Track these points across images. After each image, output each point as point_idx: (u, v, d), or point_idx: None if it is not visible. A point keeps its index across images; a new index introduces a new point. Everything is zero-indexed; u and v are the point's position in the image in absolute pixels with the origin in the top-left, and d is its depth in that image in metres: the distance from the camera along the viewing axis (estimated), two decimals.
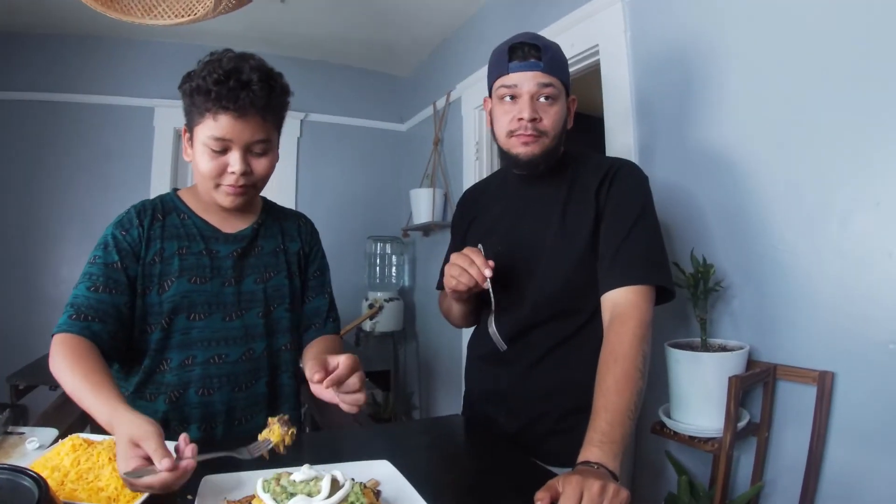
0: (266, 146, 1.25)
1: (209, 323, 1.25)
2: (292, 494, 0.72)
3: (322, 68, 4.27)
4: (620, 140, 2.13)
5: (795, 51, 1.56)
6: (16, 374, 2.64)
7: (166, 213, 1.31)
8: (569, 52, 2.34)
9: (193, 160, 1.25)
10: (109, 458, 0.96)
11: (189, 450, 0.85)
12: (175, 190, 1.38)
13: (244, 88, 1.17)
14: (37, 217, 3.69)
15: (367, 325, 3.93)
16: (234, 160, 1.20)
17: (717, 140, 1.78)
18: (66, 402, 2.39)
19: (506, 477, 1.07)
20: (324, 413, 1.99)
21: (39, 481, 0.73)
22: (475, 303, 1.45)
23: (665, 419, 1.66)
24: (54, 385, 2.59)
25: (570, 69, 2.43)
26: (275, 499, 0.72)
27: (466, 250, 1.23)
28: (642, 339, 1.15)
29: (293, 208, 1.57)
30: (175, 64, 4.06)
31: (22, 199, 3.66)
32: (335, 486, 0.73)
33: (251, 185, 1.26)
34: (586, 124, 2.84)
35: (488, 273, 1.18)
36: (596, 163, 1.36)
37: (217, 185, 1.24)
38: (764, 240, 1.62)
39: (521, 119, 1.28)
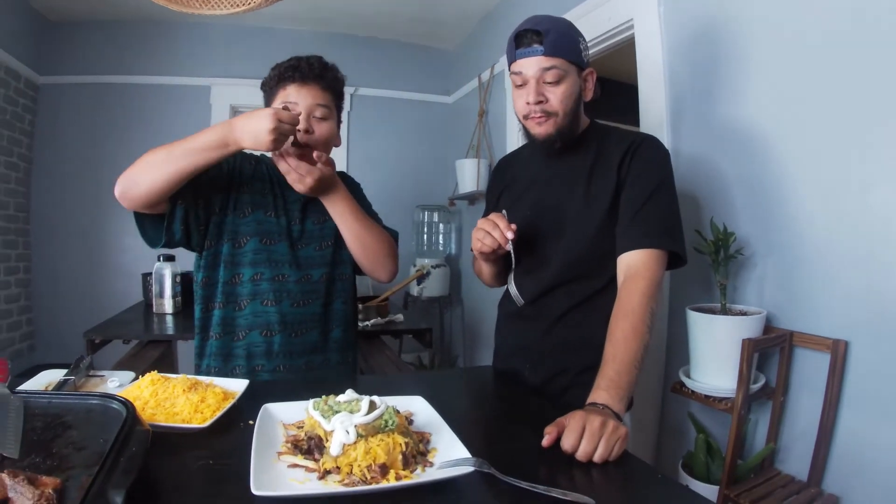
0: (326, 111, 1.53)
1: (278, 248, 1.55)
2: (337, 412, 0.87)
3: (371, 44, 4.39)
4: (653, 110, 2.20)
5: (821, 26, 1.59)
6: (91, 329, 2.87)
7: (257, 161, 1.62)
8: (605, 25, 2.41)
9: None
10: (183, 390, 1.13)
11: None
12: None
13: (305, 62, 1.52)
14: (105, 191, 3.93)
15: (415, 290, 4.08)
16: (300, 119, 1.46)
17: (743, 112, 1.82)
18: (138, 353, 2.62)
19: (525, 417, 1.20)
20: (368, 361, 2.17)
21: (127, 404, 0.86)
22: (502, 264, 1.56)
23: (685, 379, 1.75)
24: (127, 339, 2.83)
25: (606, 43, 2.54)
26: (323, 415, 0.87)
27: (492, 215, 1.33)
28: (651, 297, 1.24)
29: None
30: (229, 43, 4.26)
31: (92, 175, 3.95)
32: (372, 406, 0.88)
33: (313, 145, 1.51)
34: (626, 91, 2.89)
35: (510, 235, 1.28)
36: (620, 137, 1.44)
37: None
38: (785, 210, 1.68)
39: (528, 103, 1.37)
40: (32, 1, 3.66)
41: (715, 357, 1.66)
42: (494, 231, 1.31)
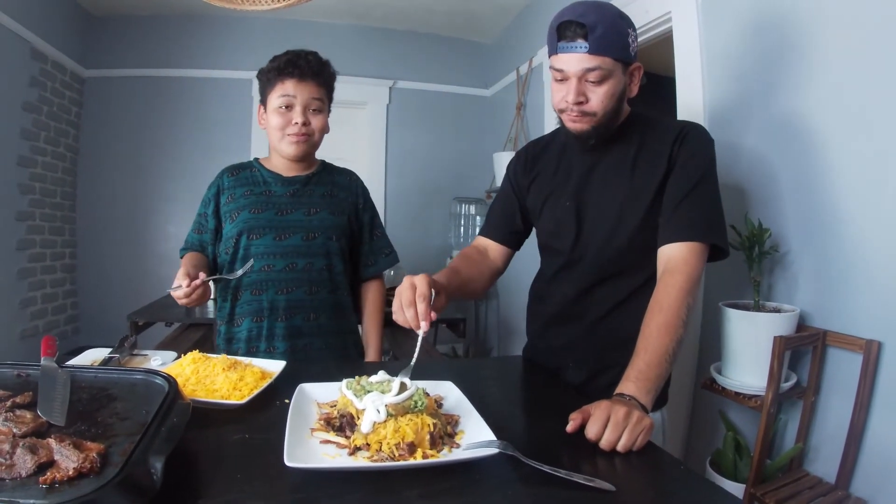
0: (321, 104, 1.71)
1: (263, 241, 1.68)
2: (368, 391, 0.91)
3: (409, 38, 4.43)
4: (691, 103, 2.18)
5: (863, 20, 1.56)
6: (135, 312, 2.98)
7: (242, 169, 1.80)
8: (643, 18, 2.38)
9: (267, 125, 1.73)
10: (223, 368, 1.20)
11: (201, 276, 1.49)
12: (256, 159, 1.84)
13: (303, 59, 1.67)
14: (148, 181, 4.12)
15: None
16: (297, 113, 1.67)
17: (782, 108, 1.80)
18: (180, 335, 2.71)
19: (552, 405, 1.21)
20: (402, 347, 2.20)
21: (170, 380, 0.92)
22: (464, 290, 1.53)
23: (716, 376, 1.75)
24: (169, 321, 2.93)
25: (644, 36, 2.50)
26: (355, 394, 0.91)
27: (418, 291, 1.15)
28: (688, 292, 1.21)
29: (382, 171, 1.93)
30: (270, 37, 4.37)
31: (136, 165, 4.10)
32: (403, 387, 0.91)
33: (309, 135, 1.70)
34: (664, 85, 2.85)
35: (424, 327, 1.13)
36: (667, 126, 1.38)
37: (283, 137, 1.69)
38: (822, 209, 1.65)
39: (567, 101, 1.29)
40: None
41: (747, 354, 1.65)
42: (408, 311, 1.15)
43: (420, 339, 1.14)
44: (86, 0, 3.84)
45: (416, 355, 1.10)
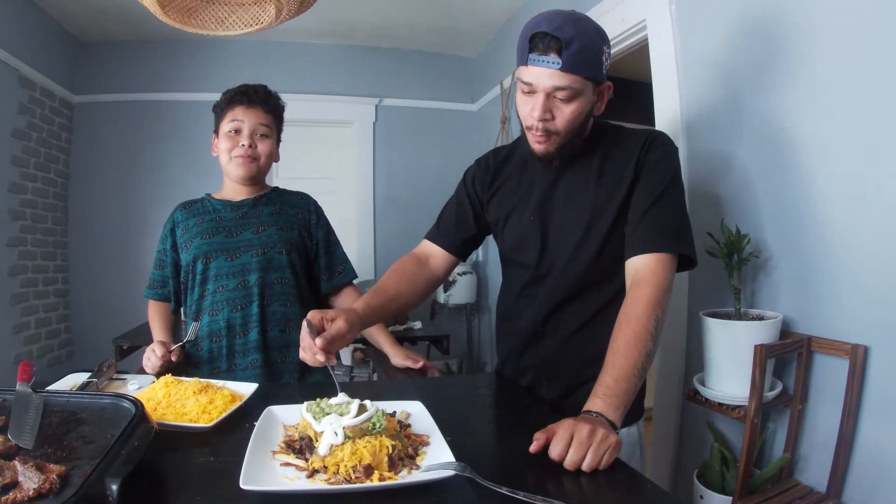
0: (268, 130, 1.83)
1: (216, 263, 1.76)
2: (328, 413, 0.90)
3: (394, 55, 4.44)
4: (668, 110, 2.18)
5: (839, 25, 1.54)
6: (120, 336, 2.98)
7: (193, 203, 1.89)
8: (619, 27, 2.40)
9: (219, 151, 1.83)
10: (194, 392, 1.21)
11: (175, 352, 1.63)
12: (208, 193, 1.93)
13: (252, 89, 1.82)
14: (136, 204, 4.12)
15: (442, 298, 4.09)
16: (244, 136, 1.78)
17: (760, 111, 1.78)
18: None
19: (522, 423, 1.19)
20: (384, 365, 2.17)
21: (137, 403, 0.95)
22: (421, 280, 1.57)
23: (699, 387, 1.72)
24: None
25: (622, 45, 2.51)
26: (314, 416, 0.90)
27: (301, 332, 1.18)
28: (657, 303, 1.18)
29: (371, 190, 1.98)
30: (256, 60, 4.37)
31: (126, 189, 4.11)
32: (362, 409, 0.90)
33: (255, 158, 1.80)
34: (641, 91, 2.87)
35: (321, 358, 1.14)
36: (631, 135, 1.35)
37: (231, 159, 1.79)
38: (803, 211, 1.63)
39: (533, 117, 1.26)
40: (65, 23, 3.81)
41: (729, 364, 1.63)
42: (308, 351, 1.17)
43: (333, 371, 1.16)
44: (73, 26, 3.86)
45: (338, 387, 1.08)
